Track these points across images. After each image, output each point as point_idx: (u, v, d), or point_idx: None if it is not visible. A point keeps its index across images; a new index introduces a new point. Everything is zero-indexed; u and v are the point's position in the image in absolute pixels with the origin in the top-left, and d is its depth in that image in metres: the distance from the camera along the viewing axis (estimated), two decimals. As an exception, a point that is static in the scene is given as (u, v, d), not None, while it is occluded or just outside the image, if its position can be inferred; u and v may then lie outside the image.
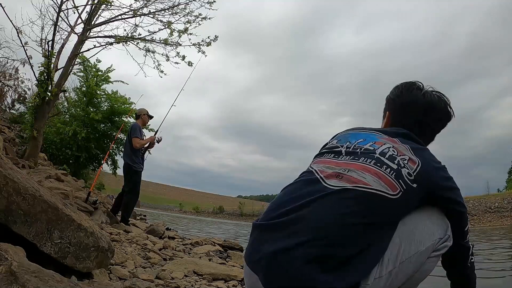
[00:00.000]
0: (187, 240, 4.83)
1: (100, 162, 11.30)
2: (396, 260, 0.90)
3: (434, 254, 0.97)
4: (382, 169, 0.92)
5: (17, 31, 5.97)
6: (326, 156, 1.05)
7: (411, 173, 0.93)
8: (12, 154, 6.28)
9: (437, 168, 1.00)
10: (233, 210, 60.71)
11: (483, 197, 32.78)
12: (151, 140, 4.91)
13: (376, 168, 0.92)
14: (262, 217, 0.98)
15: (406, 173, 0.92)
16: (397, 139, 1.03)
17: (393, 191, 0.89)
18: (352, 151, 1.00)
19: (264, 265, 0.87)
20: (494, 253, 4.96)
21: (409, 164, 0.94)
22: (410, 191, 0.91)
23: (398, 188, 0.89)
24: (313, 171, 1.00)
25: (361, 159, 0.96)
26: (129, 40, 6.99)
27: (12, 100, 13.29)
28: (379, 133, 1.07)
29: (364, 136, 1.06)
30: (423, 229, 0.96)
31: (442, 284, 2.52)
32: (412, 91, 1.16)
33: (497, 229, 13.69)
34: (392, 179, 0.90)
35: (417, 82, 1.19)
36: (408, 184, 0.91)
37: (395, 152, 0.96)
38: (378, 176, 0.90)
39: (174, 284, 1.96)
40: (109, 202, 8.84)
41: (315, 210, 0.88)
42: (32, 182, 1.52)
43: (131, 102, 11.28)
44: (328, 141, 1.16)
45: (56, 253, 1.45)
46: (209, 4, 6.81)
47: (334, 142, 1.10)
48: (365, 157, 0.96)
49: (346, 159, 0.98)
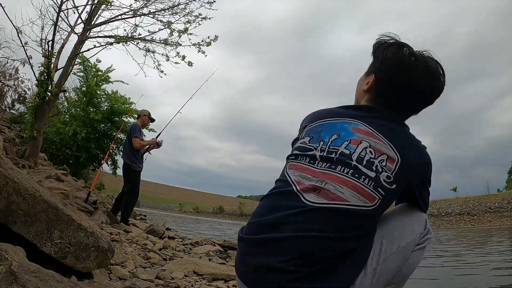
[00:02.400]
0: (187, 240, 4.83)
1: (100, 162, 11.29)
2: (379, 258, 0.92)
3: (418, 247, 0.99)
4: (360, 181, 0.89)
5: (17, 31, 5.97)
6: (300, 160, 0.99)
7: (390, 175, 0.90)
8: (12, 154, 6.28)
9: (421, 152, 0.97)
10: (233, 210, 60.60)
11: (483, 197, 32.71)
12: (152, 142, 4.91)
13: (353, 180, 0.89)
14: (245, 229, 0.98)
15: (385, 177, 0.90)
16: (374, 130, 0.96)
17: (371, 203, 0.88)
18: (327, 155, 0.95)
19: (249, 278, 0.89)
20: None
21: (387, 166, 0.91)
22: (388, 194, 0.90)
23: (376, 198, 0.89)
24: (289, 181, 0.97)
25: (338, 168, 0.92)
26: (129, 40, 6.98)
27: (12, 100, 13.32)
28: (355, 121, 0.99)
29: (337, 129, 0.99)
30: (403, 226, 0.98)
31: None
32: (409, 68, 1.00)
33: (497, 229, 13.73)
34: (370, 191, 0.89)
35: (420, 51, 1.03)
36: (387, 188, 0.90)
37: (372, 155, 0.92)
38: (356, 190, 0.88)
39: (174, 284, 1.96)
40: (109, 202, 8.84)
41: (295, 227, 0.87)
42: (32, 182, 1.52)
43: (131, 102, 11.29)
44: (298, 135, 1.08)
45: (56, 253, 1.45)
46: (209, 4, 6.82)
47: (306, 140, 1.02)
48: (342, 166, 0.92)
49: (323, 167, 0.94)
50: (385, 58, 1.04)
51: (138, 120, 5.15)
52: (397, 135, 0.96)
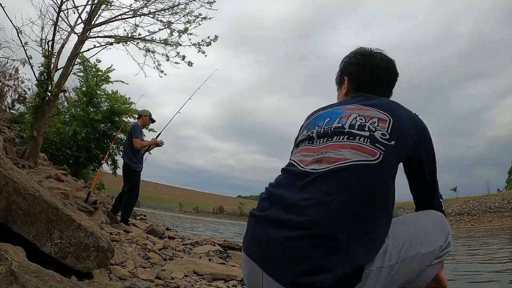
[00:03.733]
0: (187, 240, 4.83)
1: (100, 162, 11.30)
2: (399, 256, 0.90)
3: (435, 262, 0.97)
4: (355, 140, 0.92)
5: (17, 31, 5.98)
6: (301, 145, 1.06)
7: (385, 132, 0.93)
8: (12, 154, 6.28)
9: (411, 117, 1.03)
10: (233, 210, 60.64)
11: (483, 197, 32.72)
12: (153, 143, 4.91)
13: (349, 142, 0.92)
14: (257, 207, 0.99)
15: (380, 134, 0.93)
16: (360, 105, 1.03)
17: (373, 157, 0.89)
18: (323, 133, 1.01)
19: (261, 254, 0.87)
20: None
21: (380, 125, 0.94)
22: (389, 150, 0.91)
23: (377, 153, 0.90)
24: (293, 162, 1.01)
25: (334, 138, 0.96)
26: (129, 40, 6.99)
27: (12, 100, 13.34)
28: (341, 105, 1.08)
29: (328, 114, 1.07)
30: (426, 234, 0.97)
31: None
32: (369, 56, 1.20)
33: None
34: (368, 146, 0.90)
35: (367, 47, 1.24)
36: (386, 144, 0.91)
37: (363, 120, 0.96)
38: (355, 148, 0.91)
39: (174, 284, 1.96)
40: (109, 202, 8.85)
41: (304, 197, 0.87)
42: (32, 182, 1.52)
43: (131, 102, 11.30)
44: (297, 135, 1.16)
45: (56, 253, 1.45)
46: (209, 4, 6.83)
47: (304, 132, 1.10)
48: (337, 136, 0.96)
49: (321, 143, 0.99)
50: (349, 59, 1.24)
51: (138, 120, 5.15)
52: (383, 102, 1.04)
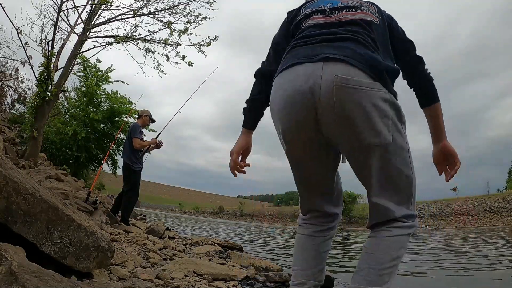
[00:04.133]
0: (187, 240, 4.83)
1: (100, 162, 11.28)
2: None
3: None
4: (362, 9, 1.21)
5: (17, 31, 5.98)
6: (312, 16, 1.24)
7: (374, 12, 1.23)
8: (12, 154, 6.28)
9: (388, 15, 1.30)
10: (233, 210, 60.63)
11: (483, 197, 32.69)
12: (153, 143, 4.91)
13: (358, 11, 1.21)
14: (292, 43, 1.20)
15: (373, 10, 1.24)
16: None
17: (376, 20, 1.20)
18: (334, 7, 1.23)
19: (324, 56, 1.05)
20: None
21: (370, 6, 1.25)
22: (381, 21, 1.22)
23: (377, 18, 1.22)
24: (311, 24, 1.23)
25: (344, 10, 1.21)
26: (129, 40, 6.99)
27: (12, 100, 13.33)
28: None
29: (329, 0, 1.27)
30: None
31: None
32: None
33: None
34: (370, 13, 1.21)
35: None
36: (378, 17, 1.22)
37: (358, 2, 1.25)
38: (363, 13, 1.20)
39: (174, 284, 1.96)
40: (109, 202, 8.85)
41: (341, 32, 1.12)
42: (32, 182, 1.52)
43: (131, 102, 11.27)
44: (295, 12, 1.32)
45: (56, 253, 1.45)
46: (209, 4, 6.82)
47: (309, 9, 1.27)
48: (345, 9, 1.22)
49: (333, 14, 1.22)
50: None
51: (138, 120, 5.15)
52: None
